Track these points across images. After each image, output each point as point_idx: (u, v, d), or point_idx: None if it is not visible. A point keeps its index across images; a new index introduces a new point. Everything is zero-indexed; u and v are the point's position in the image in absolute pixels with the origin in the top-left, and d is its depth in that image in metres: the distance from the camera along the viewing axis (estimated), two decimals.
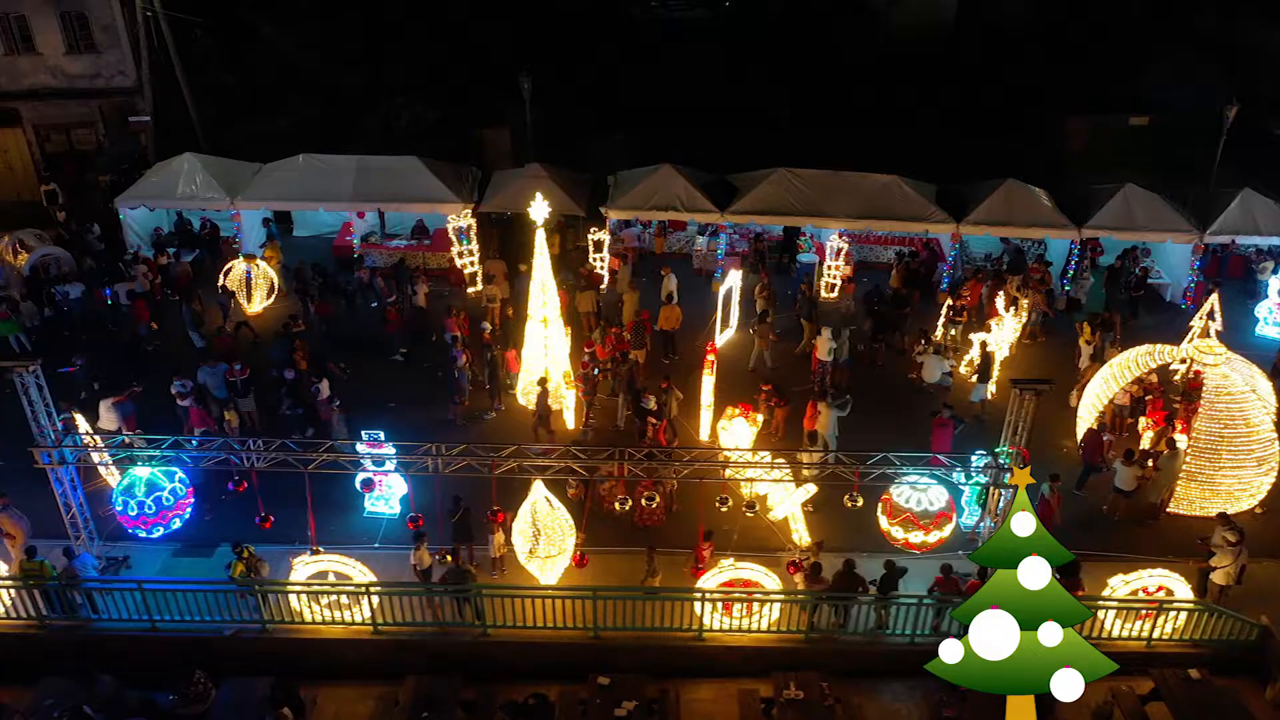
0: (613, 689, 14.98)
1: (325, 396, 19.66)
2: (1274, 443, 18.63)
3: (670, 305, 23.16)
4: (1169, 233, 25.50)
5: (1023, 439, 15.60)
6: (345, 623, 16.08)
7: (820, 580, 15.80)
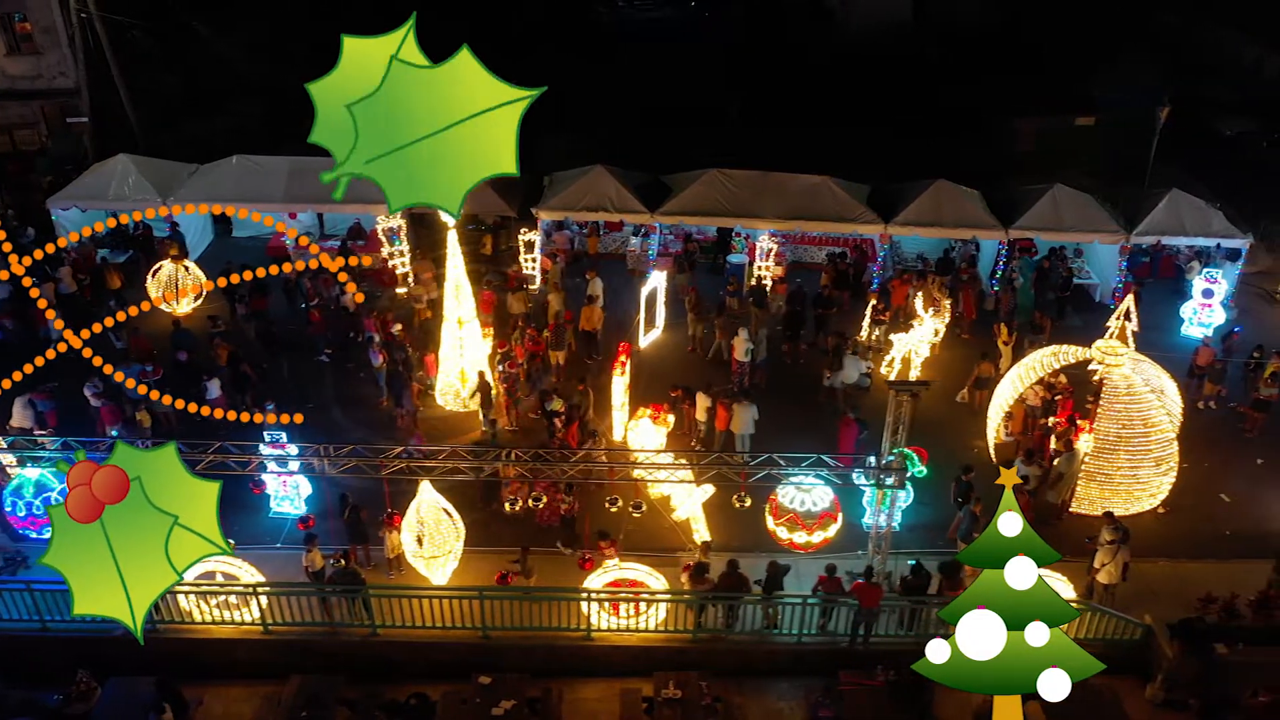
0: (494, 688, 15.10)
1: (215, 396, 19.78)
2: (1173, 443, 18.77)
3: (592, 306, 23.25)
4: (1096, 233, 25.60)
5: (902, 440, 15.67)
6: (236, 622, 16.20)
7: (704, 580, 15.90)
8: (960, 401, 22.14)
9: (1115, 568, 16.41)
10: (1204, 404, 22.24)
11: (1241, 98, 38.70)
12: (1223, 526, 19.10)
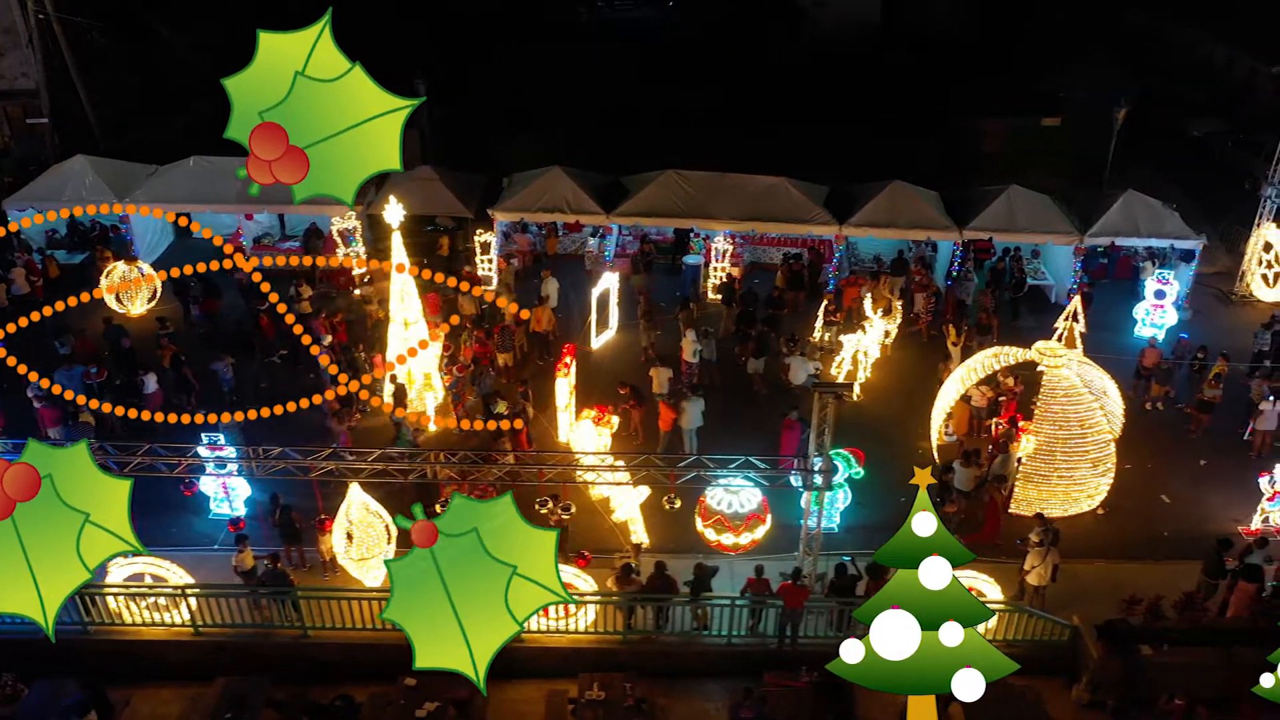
0: (419, 690, 15.11)
1: (152, 390, 19.89)
2: (1110, 444, 18.83)
3: (543, 306, 23.28)
4: (1049, 234, 25.65)
5: (828, 441, 15.71)
6: (166, 624, 16.23)
7: (632, 581, 15.93)
8: None
9: (1045, 569, 16.44)
10: (1151, 405, 22.30)
11: (1212, 98, 38.79)
12: (1162, 527, 19.13)
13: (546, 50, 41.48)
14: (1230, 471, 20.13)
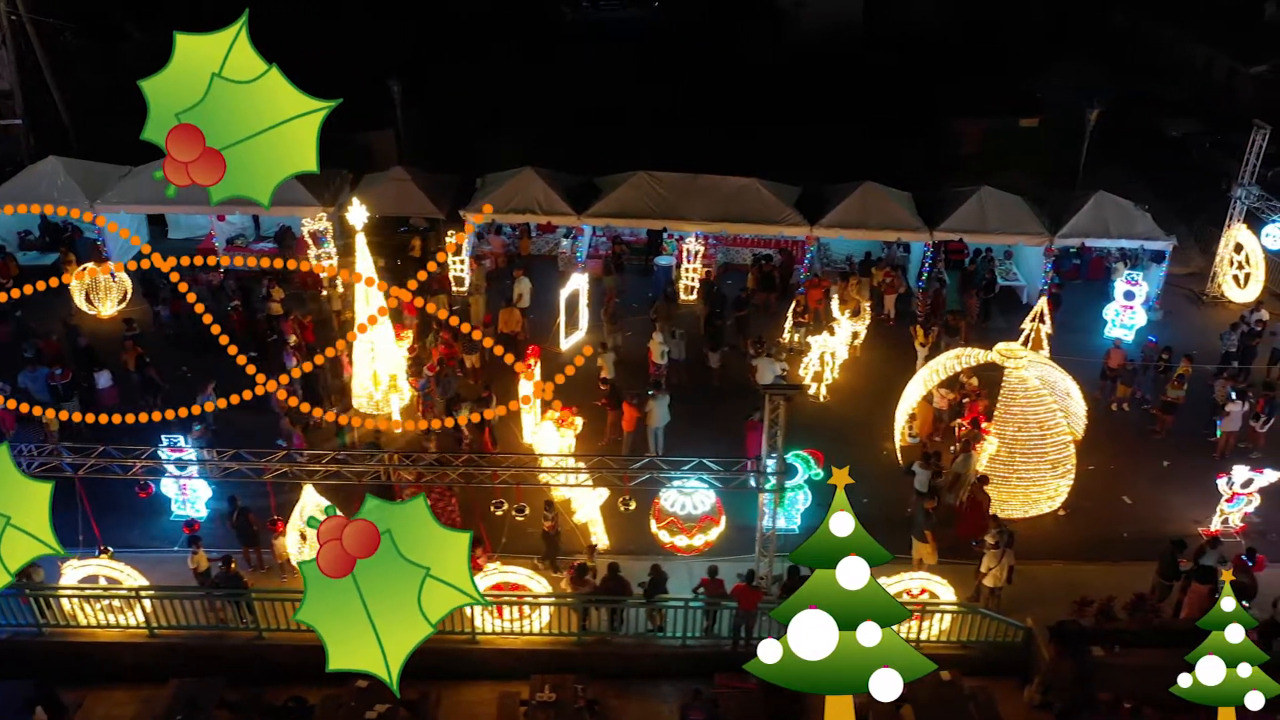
0: (371, 692, 15.12)
1: (106, 385, 19.98)
2: (1070, 446, 18.86)
3: (510, 308, 23.30)
4: (1019, 235, 25.68)
5: (780, 444, 15.73)
6: (120, 626, 16.25)
7: (585, 583, 15.95)
8: None
9: (1001, 571, 16.47)
10: (1116, 406, 22.33)
11: (1191, 98, 38.82)
12: (1122, 529, 19.17)
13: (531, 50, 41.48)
14: (1193, 472, 20.16)
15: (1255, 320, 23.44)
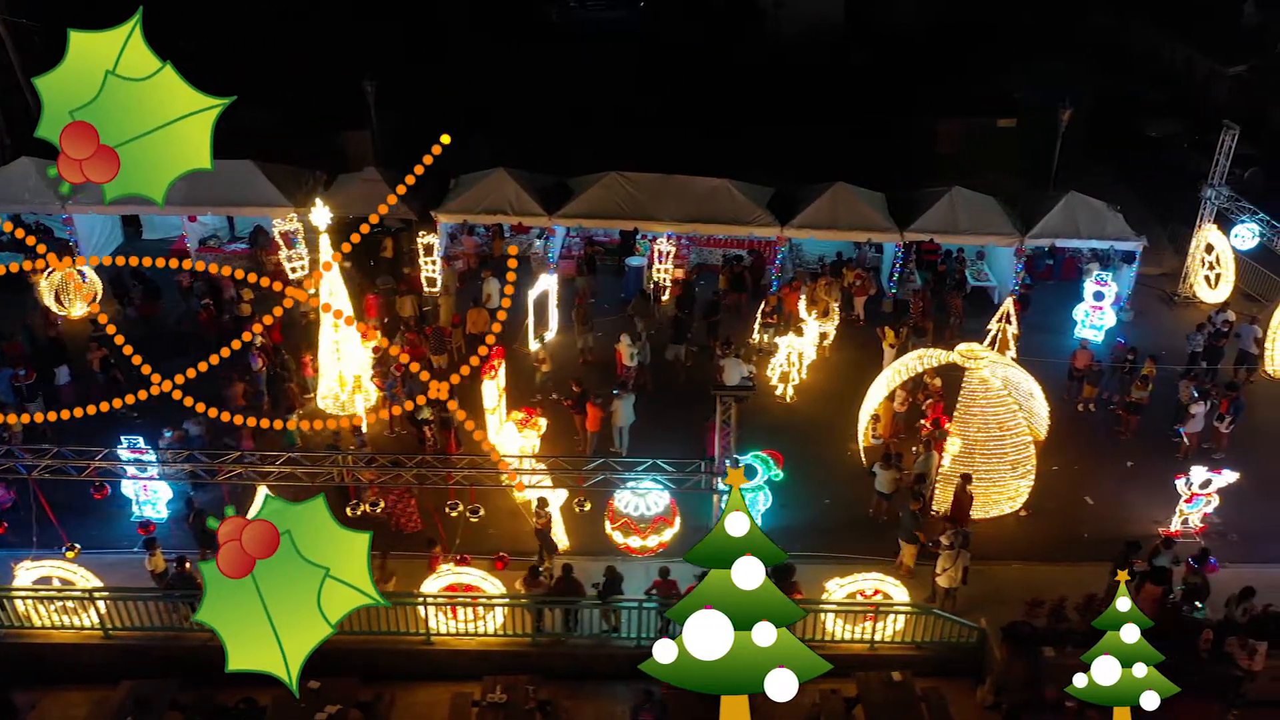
0: (323, 693, 15.12)
1: (66, 381, 20.00)
2: (1030, 446, 18.87)
3: (478, 309, 23.30)
4: (990, 236, 25.69)
5: (732, 444, 15.74)
6: (76, 627, 16.24)
7: (538, 584, 15.95)
8: None
9: (956, 571, 16.48)
10: (1083, 407, 22.34)
11: (1171, 99, 38.83)
12: (1083, 529, 19.17)
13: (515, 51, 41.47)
14: (1157, 473, 20.10)
15: (1221, 321, 23.46)
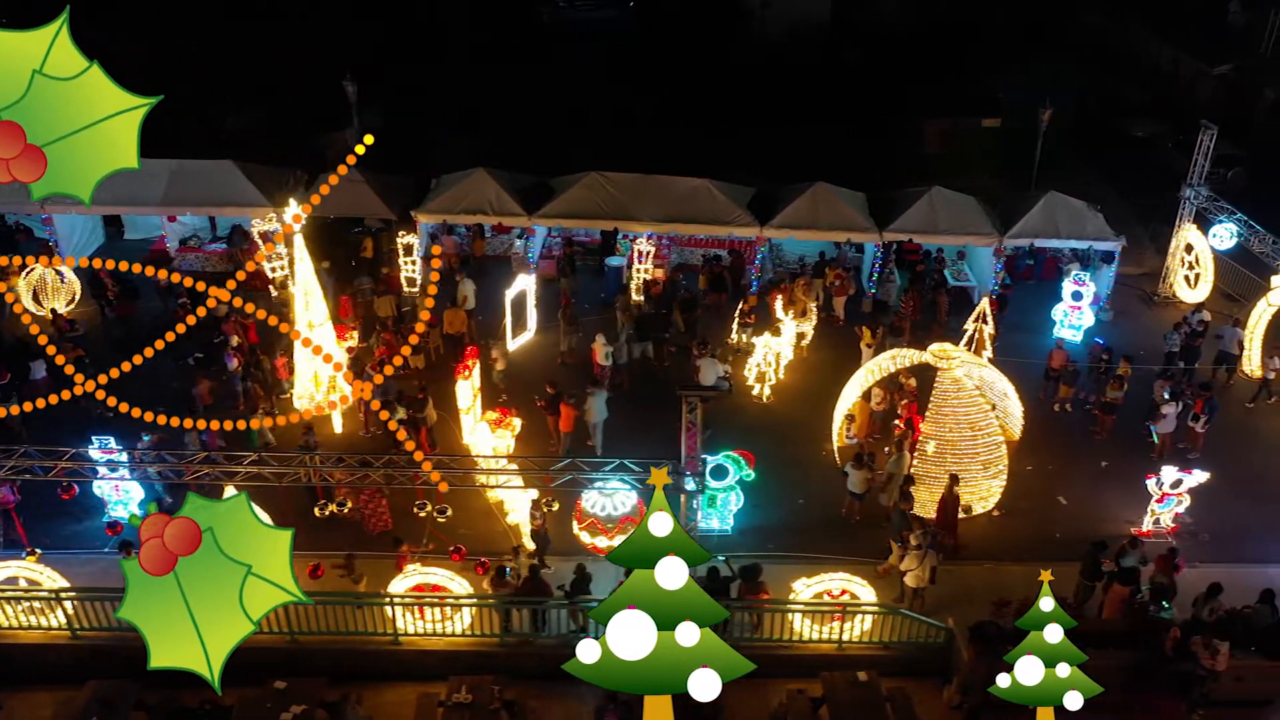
0: (289, 693, 15.12)
1: (40, 377, 20.02)
2: (1001, 446, 18.87)
3: (456, 309, 23.30)
4: (969, 236, 25.69)
5: (699, 445, 15.74)
6: (43, 628, 16.23)
7: (505, 584, 15.95)
8: None
9: (923, 571, 16.47)
10: (1059, 407, 22.33)
11: (1157, 99, 38.85)
12: (1055, 529, 19.16)
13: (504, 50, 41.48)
14: (1131, 473, 20.03)
15: (1197, 321, 23.46)
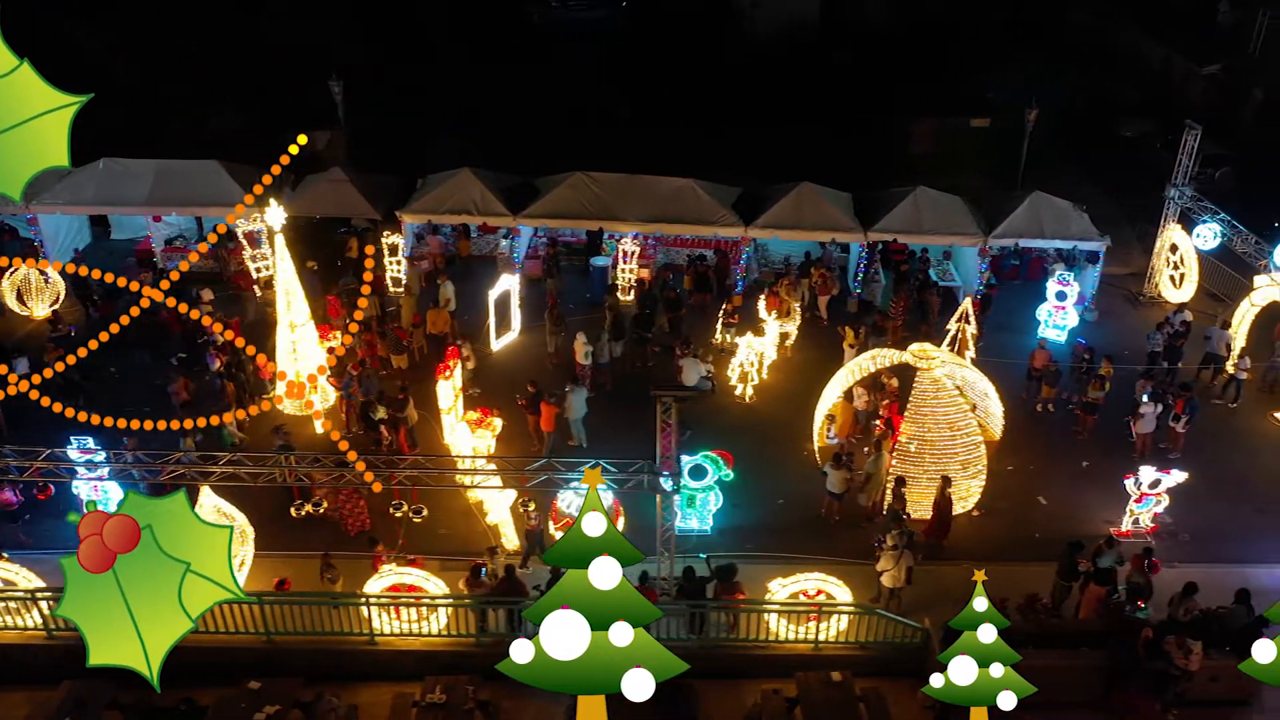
0: (264, 693, 15.13)
1: (25, 371, 19.95)
2: (980, 446, 18.87)
3: (438, 309, 23.30)
4: (954, 236, 25.69)
5: (673, 444, 15.73)
6: (19, 628, 16.23)
7: (481, 584, 15.95)
8: None
9: (899, 571, 16.47)
10: (1042, 407, 22.33)
11: (1147, 99, 38.86)
12: (1035, 529, 19.15)
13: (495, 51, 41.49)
14: (1112, 473, 20.02)
15: (1179, 321, 23.46)
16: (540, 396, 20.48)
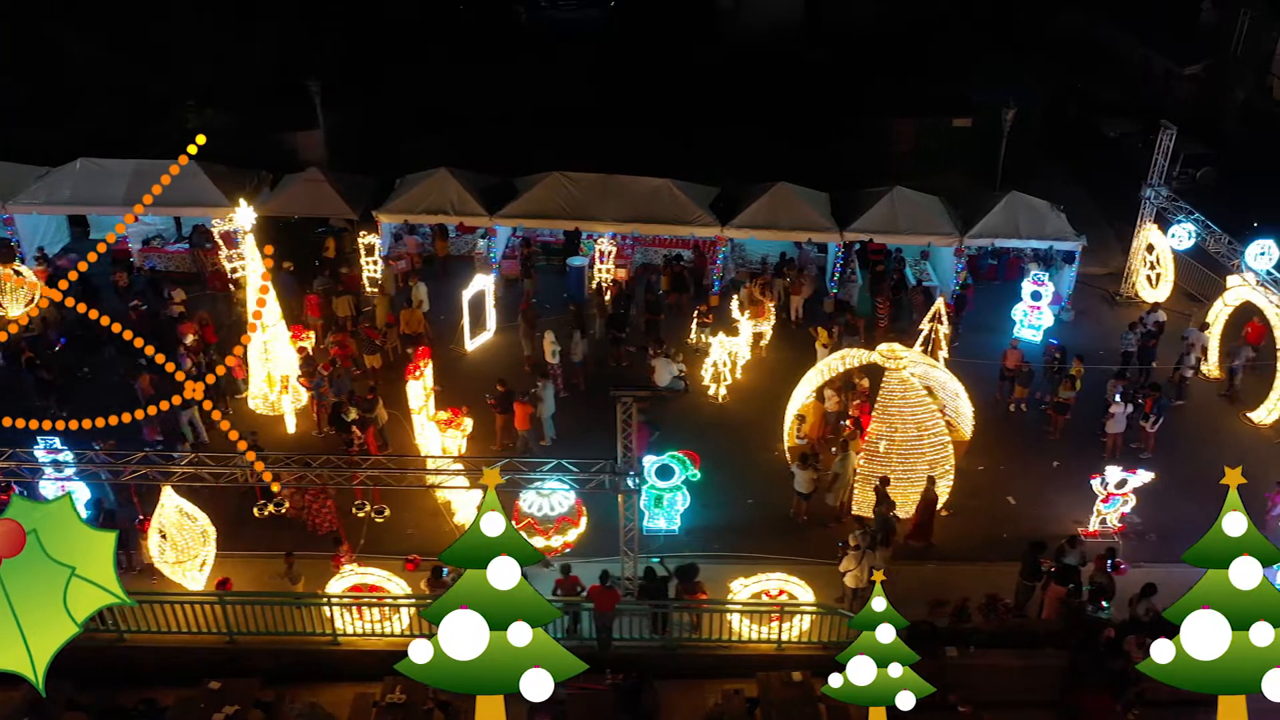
0: (223, 694, 15.12)
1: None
2: (948, 446, 18.85)
3: (411, 309, 23.29)
4: (930, 236, 25.67)
5: (633, 445, 15.72)
6: None
7: (441, 584, 15.91)
8: None
9: (861, 572, 16.45)
10: (1015, 407, 22.33)
11: (1130, 98, 38.84)
12: (1003, 529, 19.12)
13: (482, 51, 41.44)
14: (1083, 473, 19.98)
15: (1153, 322, 23.45)
16: (511, 396, 20.46)
